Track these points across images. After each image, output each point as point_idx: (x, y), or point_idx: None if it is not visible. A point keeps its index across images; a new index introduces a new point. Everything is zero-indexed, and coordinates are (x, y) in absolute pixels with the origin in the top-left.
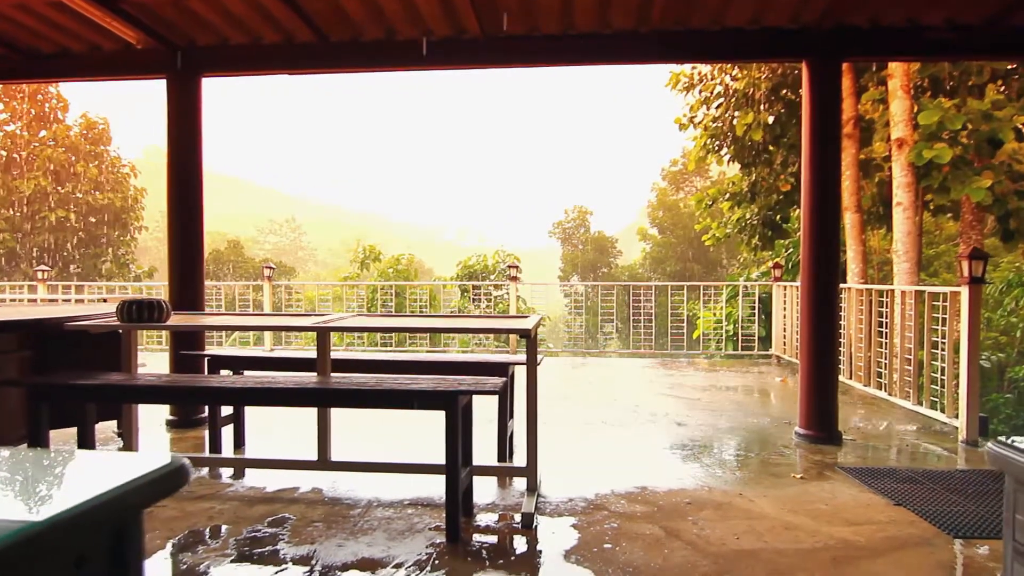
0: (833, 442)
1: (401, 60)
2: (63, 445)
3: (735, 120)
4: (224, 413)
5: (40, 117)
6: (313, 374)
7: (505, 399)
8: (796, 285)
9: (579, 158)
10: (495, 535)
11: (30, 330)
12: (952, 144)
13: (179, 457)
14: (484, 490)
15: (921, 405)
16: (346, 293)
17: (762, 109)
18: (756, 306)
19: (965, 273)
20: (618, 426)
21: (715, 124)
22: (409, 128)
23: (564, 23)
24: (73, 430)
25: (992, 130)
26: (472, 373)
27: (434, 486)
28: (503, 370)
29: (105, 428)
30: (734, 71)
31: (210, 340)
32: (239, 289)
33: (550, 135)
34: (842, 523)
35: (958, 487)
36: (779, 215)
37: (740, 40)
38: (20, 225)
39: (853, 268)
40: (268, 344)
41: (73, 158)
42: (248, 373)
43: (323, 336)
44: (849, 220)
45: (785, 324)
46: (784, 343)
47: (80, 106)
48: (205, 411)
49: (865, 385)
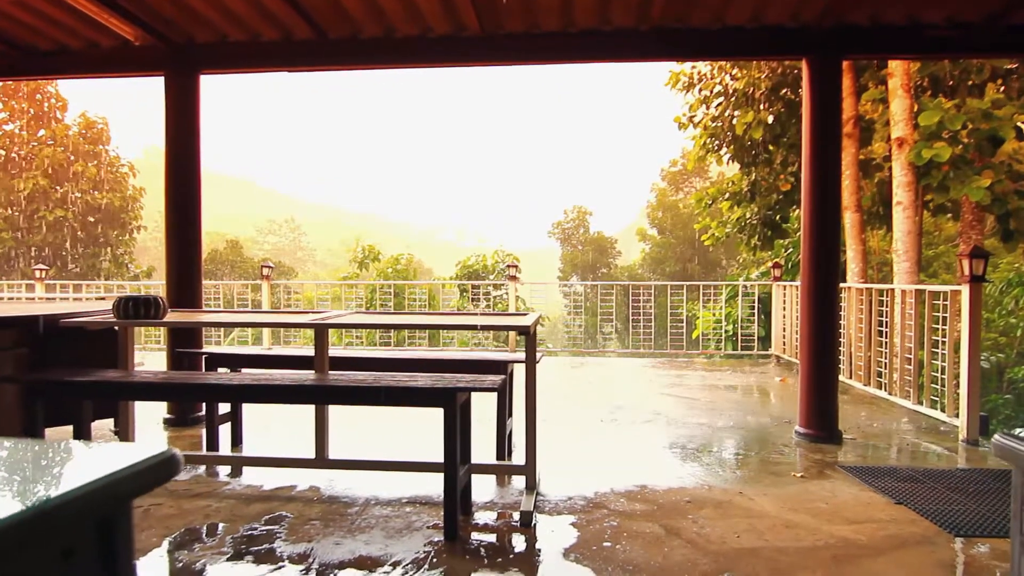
0: (833, 441)
1: (400, 57)
2: None
3: (735, 119)
4: (221, 411)
5: (39, 116)
6: (311, 372)
7: (504, 397)
8: (796, 285)
9: (579, 158)
10: (494, 533)
11: (26, 327)
12: (952, 143)
13: (170, 448)
14: (483, 488)
15: (921, 404)
16: (345, 293)
17: (762, 108)
18: (756, 306)
19: (966, 271)
20: (617, 425)
21: (715, 124)
22: (408, 128)
23: (564, 20)
24: (69, 429)
25: (992, 129)
26: (471, 371)
27: (432, 484)
28: (502, 368)
29: (102, 427)
30: (734, 70)
31: (208, 339)
32: (237, 288)
33: (550, 135)
34: (843, 521)
35: (959, 486)
36: (779, 215)
37: (740, 38)
38: (18, 224)
39: (853, 268)
40: (267, 343)
41: (72, 157)
42: (245, 371)
43: (321, 333)
44: (849, 220)
45: (785, 324)
46: (784, 343)
47: (80, 106)
48: (203, 409)
49: (865, 384)
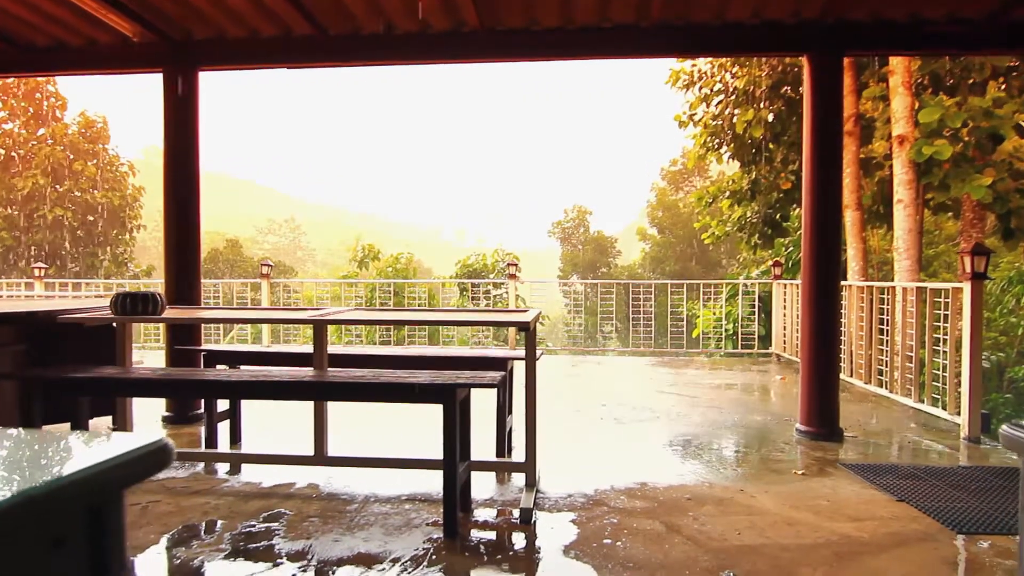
0: (834, 439)
1: (400, 54)
2: None
3: (735, 118)
4: (220, 409)
5: (38, 115)
6: (310, 369)
7: (504, 394)
8: (796, 283)
9: (579, 158)
10: (493, 531)
11: (24, 323)
12: (953, 141)
13: (162, 437)
14: (482, 486)
15: (923, 402)
16: (345, 292)
17: (762, 106)
18: (756, 305)
19: (967, 269)
20: (617, 423)
21: (715, 122)
22: (408, 128)
23: (563, 16)
24: (67, 426)
25: (993, 127)
26: (470, 368)
27: (432, 481)
28: (502, 365)
29: (100, 424)
30: (734, 68)
31: (207, 339)
32: (237, 287)
33: (550, 135)
34: (844, 519)
35: (961, 483)
36: (779, 213)
37: (741, 34)
38: (18, 223)
39: (853, 266)
40: (266, 342)
41: (71, 156)
42: (244, 368)
43: (319, 329)
44: (849, 218)
45: (785, 322)
46: (784, 341)
47: (80, 105)
48: (202, 407)
49: (866, 383)
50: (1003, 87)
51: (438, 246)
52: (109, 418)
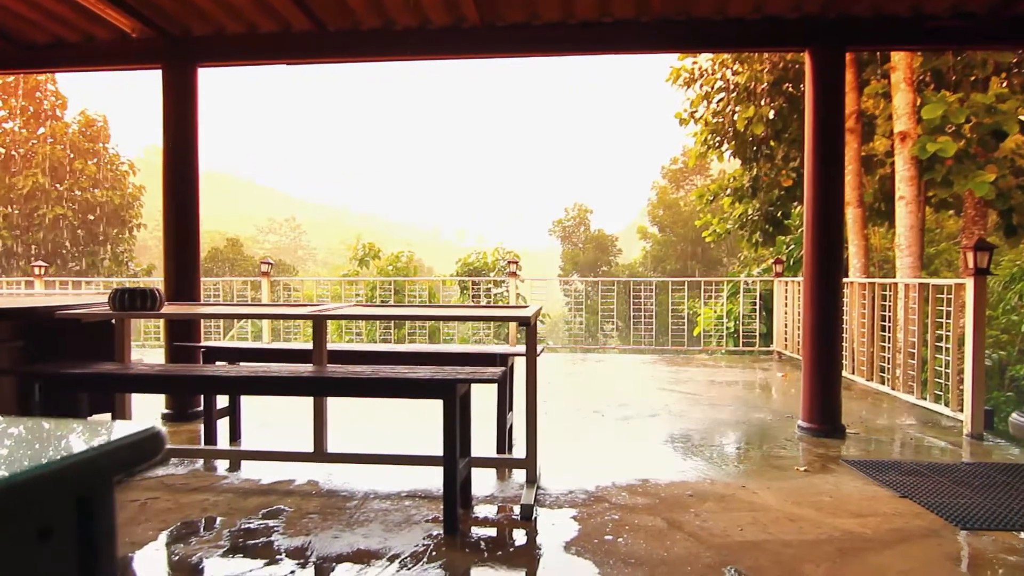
0: (836, 435)
1: (400, 50)
2: None
3: (736, 115)
4: (220, 406)
5: (38, 114)
6: (310, 365)
7: (504, 390)
8: (798, 281)
9: (579, 156)
10: (494, 527)
11: (22, 319)
12: (956, 138)
13: (154, 425)
14: (483, 483)
15: (925, 399)
16: (345, 290)
17: (763, 103)
18: (757, 303)
19: (970, 264)
20: (618, 420)
21: (716, 119)
22: (408, 129)
23: (564, 11)
24: None
25: (996, 123)
26: (471, 364)
27: (432, 478)
28: (502, 361)
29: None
30: (735, 65)
31: (207, 337)
32: (237, 286)
33: (550, 133)
34: (847, 515)
35: (964, 480)
36: (780, 211)
37: (742, 29)
38: (18, 223)
39: (855, 263)
40: (266, 340)
41: (71, 155)
42: (244, 365)
43: (319, 325)
44: (851, 215)
45: (786, 320)
46: (785, 339)
47: (80, 105)
48: (201, 404)
49: (868, 380)
50: (1005, 83)
51: (438, 246)
52: (108, 415)
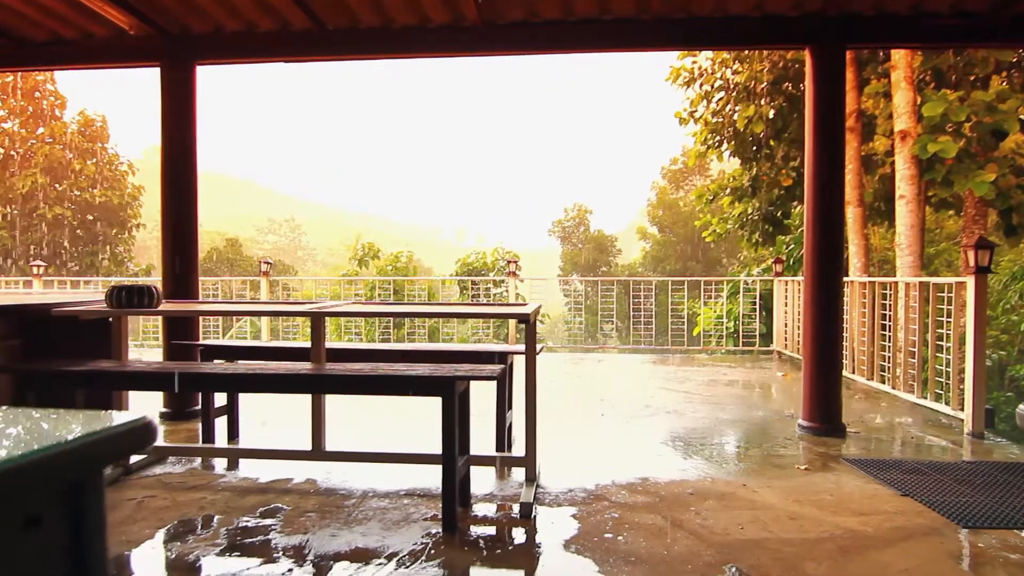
0: (837, 434)
1: (399, 48)
2: None
3: (736, 114)
4: (218, 405)
5: (37, 114)
6: (308, 363)
7: (504, 388)
8: (798, 280)
9: (579, 157)
10: (493, 525)
11: (18, 316)
12: (956, 137)
13: (144, 415)
14: (482, 481)
15: (925, 398)
16: (344, 290)
17: (763, 103)
18: (757, 302)
19: (971, 262)
20: (619, 419)
21: (716, 119)
22: (408, 128)
23: (564, 9)
24: None
25: (996, 122)
26: (470, 362)
27: (431, 476)
28: (502, 359)
29: None
30: (735, 64)
31: (206, 338)
32: (236, 285)
33: (550, 134)
34: (849, 513)
35: (966, 478)
36: (780, 211)
37: (743, 27)
38: (17, 222)
39: (855, 263)
40: (265, 339)
41: (70, 155)
42: (242, 363)
43: (317, 321)
44: (851, 214)
45: (786, 319)
46: (785, 338)
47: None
48: (199, 404)
49: (868, 379)
50: (1006, 82)
51: (438, 246)
52: None
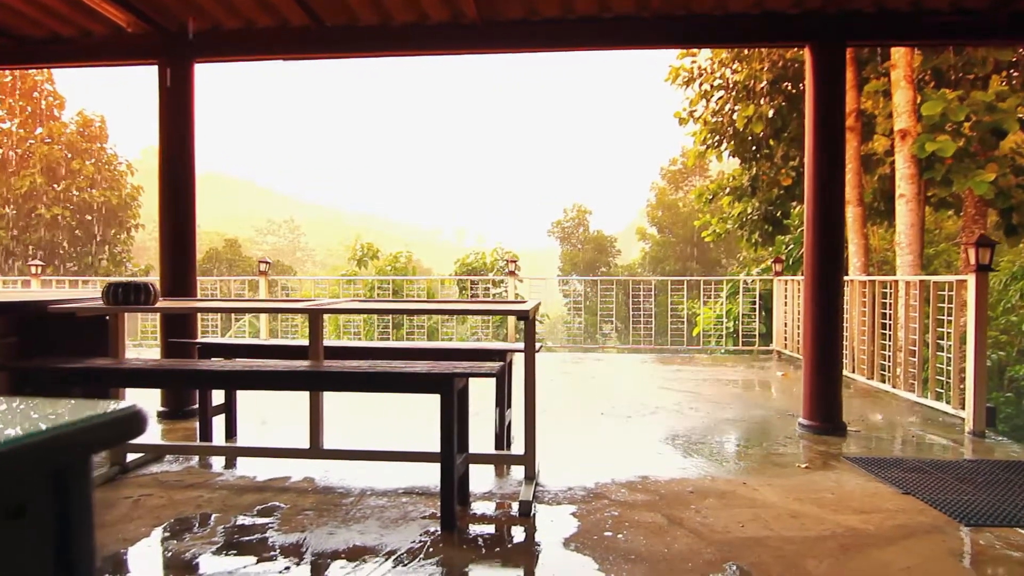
0: (838, 433)
1: (397, 45)
2: None
3: (735, 113)
4: (216, 403)
5: (35, 114)
6: (306, 361)
7: (503, 386)
8: (797, 280)
9: (578, 157)
10: (492, 523)
11: (15, 313)
12: (955, 136)
13: (134, 404)
14: (481, 479)
15: (926, 397)
16: (343, 290)
17: (763, 102)
18: (757, 302)
19: (972, 260)
20: (618, 418)
21: (715, 119)
22: (407, 128)
23: (563, 7)
24: None
25: (996, 122)
26: (469, 360)
27: (429, 474)
28: (501, 357)
29: None
30: (734, 64)
31: (204, 337)
32: (235, 285)
33: (549, 135)
34: (850, 511)
35: (967, 476)
36: (780, 210)
37: (743, 24)
38: (15, 222)
39: (855, 262)
40: (264, 338)
41: (69, 155)
42: (239, 360)
43: (315, 319)
44: (851, 214)
45: (786, 319)
46: (785, 338)
47: (78, 105)
48: (197, 402)
49: (868, 378)
50: (1005, 81)
51: (438, 246)
52: None
